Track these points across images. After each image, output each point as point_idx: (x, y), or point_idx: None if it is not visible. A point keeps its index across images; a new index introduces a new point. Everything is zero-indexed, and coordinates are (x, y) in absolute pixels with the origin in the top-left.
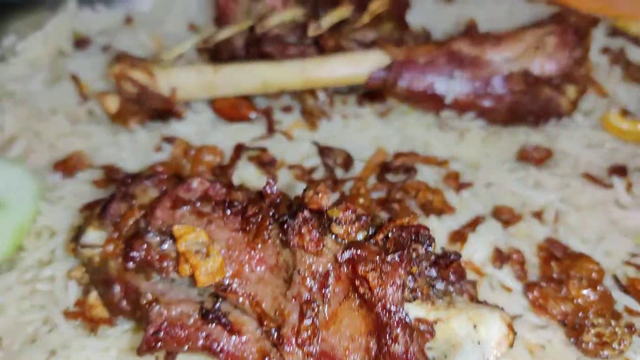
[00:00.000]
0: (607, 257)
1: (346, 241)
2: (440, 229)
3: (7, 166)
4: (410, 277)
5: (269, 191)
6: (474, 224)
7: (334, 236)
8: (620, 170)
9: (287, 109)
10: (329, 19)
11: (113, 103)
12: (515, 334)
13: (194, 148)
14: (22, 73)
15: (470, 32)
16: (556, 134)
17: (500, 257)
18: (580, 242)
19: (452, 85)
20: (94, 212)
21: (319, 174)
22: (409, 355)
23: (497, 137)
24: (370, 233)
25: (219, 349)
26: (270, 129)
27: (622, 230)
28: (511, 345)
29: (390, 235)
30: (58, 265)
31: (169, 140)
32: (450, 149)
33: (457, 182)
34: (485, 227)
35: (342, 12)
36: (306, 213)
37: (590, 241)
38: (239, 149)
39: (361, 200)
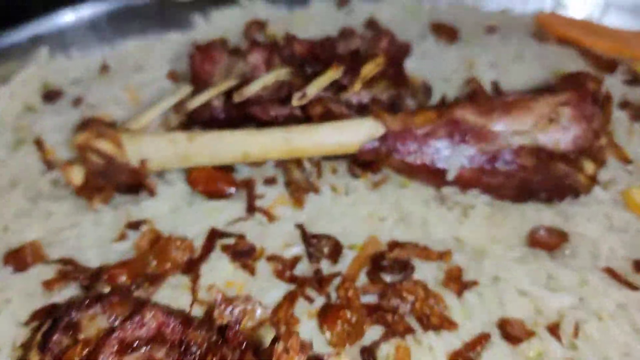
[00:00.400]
0: None
1: None
2: (438, 346)
3: None
4: None
5: (232, 335)
6: (477, 344)
7: None
8: None
9: (270, 181)
10: (316, 86)
11: (78, 175)
12: None
13: (162, 237)
14: None
15: (475, 97)
16: (572, 212)
17: None
18: None
19: (454, 160)
20: (35, 338)
21: (302, 267)
22: None
23: (504, 215)
24: None
25: None
26: (251, 208)
27: None
28: None
29: None
30: None
31: (135, 225)
32: (452, 229)
33: (459, 283)
34: (491, 351)
35: (331, 75)
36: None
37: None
38: (213, 237)
39: (348, 314)
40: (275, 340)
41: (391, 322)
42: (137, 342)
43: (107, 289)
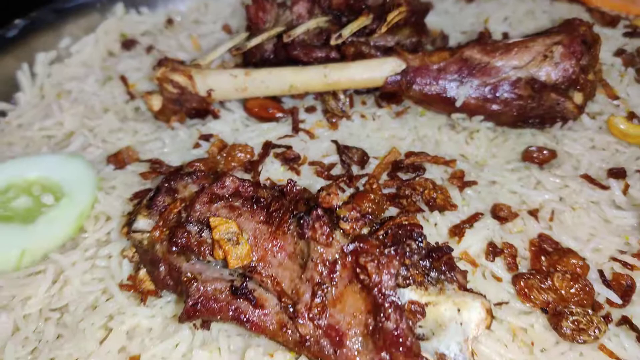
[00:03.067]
0: (595, 253)
1: (351, 236)
2: (442, 223)
3: (70, 160)
4: (403, 267)
5: (290, 190)
6: (472, 219)
7: (341, 231)
8: (619, 173)
9: (310, 109)
10: (349, 29)
11: (156, 102)
12: (493, 318)
13: (228, 145)
14: (77, 73)
15: (482, 39)
16: (562, 136)
17: (494, 251)
18: (571, 239)
19: (462, 90)
20: (142, 202)
21: (337, 170)
22: (398, 330)
23: (504, 139)
24: (373, 229)
25: (245, 320)
26: (295, 129)
27: (614, 230)
28: (488, 327)
29: (389, 232)
30: (113, 245)
31: (206, 137)
32: (459, 148)
33: (461, 181)
34: (482, 223)
35: (362, 21)
36: (319, 211)
37: (582, 239)
38: (267, 147)
39: (372, 196)
40: (320, 190)
41: (405, 204)
42: (222, 196)
43: None
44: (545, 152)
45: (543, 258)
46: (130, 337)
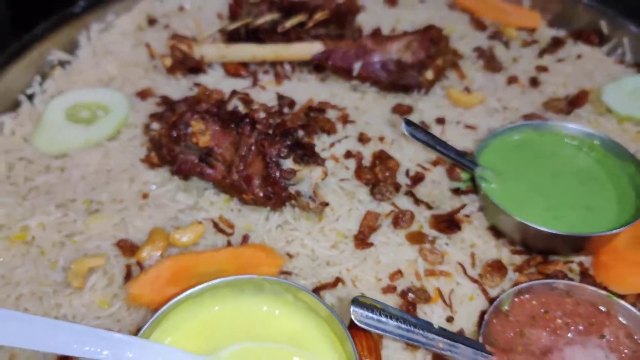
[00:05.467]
0: (407, 160)
1: (262, 132)
2: (327, 141)
3: (113, 92)
4: (284, 149)
5: (236, 112)
6: (343, 139)
7: (257, 130)
8: (441, 120)
9: (265, 72)
10: (289, 22)
11: (168, 62)
12: (326, 175)
13: (210, 90)
14: (117, 39)
15: (374, 33)
16: (418, 99)
17: (350, 154)
18: (398, 156)
19: (357, 65)
20: (156, 115)
21: (275, 109)
22: (276, 176)
23: (383, 98)
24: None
25: (205, 174)
26: (254, 83)
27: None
28: (323, 179)
29: (280, 133)
30: (138, 140)
31: (197, 85)
32: (355, 102)
33: (345, 119)
34: (349, 142)
35: (299, 18)
36: (247, 120)
37: (405, 158)
38: (234, 93)
39: (289, 123)
40: (251, 110)
41: (309, 129)
42: (198, 111)
43: None
44: (405, 107)
45: (377, 162)
46: (145, 183)
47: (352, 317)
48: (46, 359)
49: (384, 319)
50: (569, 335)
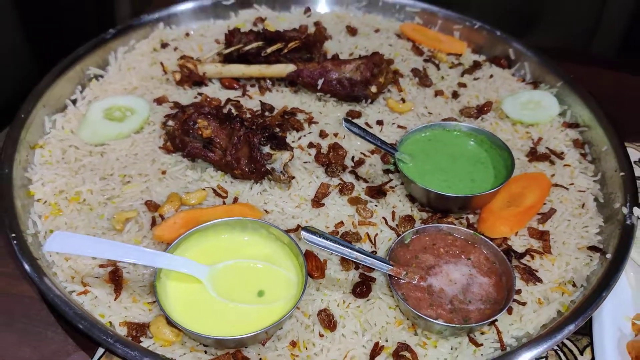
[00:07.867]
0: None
1: (248, 127)
2: (296, 136)
3: (136, 98)
4: (263, 139)
5: (232, 114)
6: (306, 134)
7: (245, 125)
8: (380, 122)
9: (252, 85)
10: (270, 49)
11: (178, 76)
12: (292, 157)
13: (209, 98)
14: (138, 59)
15: (334, 57)
16: (366, 107)
17: (311, 145)
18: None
19: (320, 81)
20: (170, 116)
21: (259, 113)
22: (257, 156)
23: (340, 106)
24: (259, 129)
25: (207, 157)
26: (244, 94)
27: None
28: (290, 160)
29: (260, 128)
30: (157, 133)
31: (200, 94)
32: (318, 109)
33: (310, 121)
34: (311, 136)
35: (278, 46)
36: (238, 119)
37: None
38: (228, 101)
39: (267, 122)
40: (243, 114)
41: (282, 128)
42: (202, 113)
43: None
44: (355, 112)
45: (331, 150)
46: (163, 164)
47: (302, 236)
48: None
49: (323, 240)
50: (447, 258)
